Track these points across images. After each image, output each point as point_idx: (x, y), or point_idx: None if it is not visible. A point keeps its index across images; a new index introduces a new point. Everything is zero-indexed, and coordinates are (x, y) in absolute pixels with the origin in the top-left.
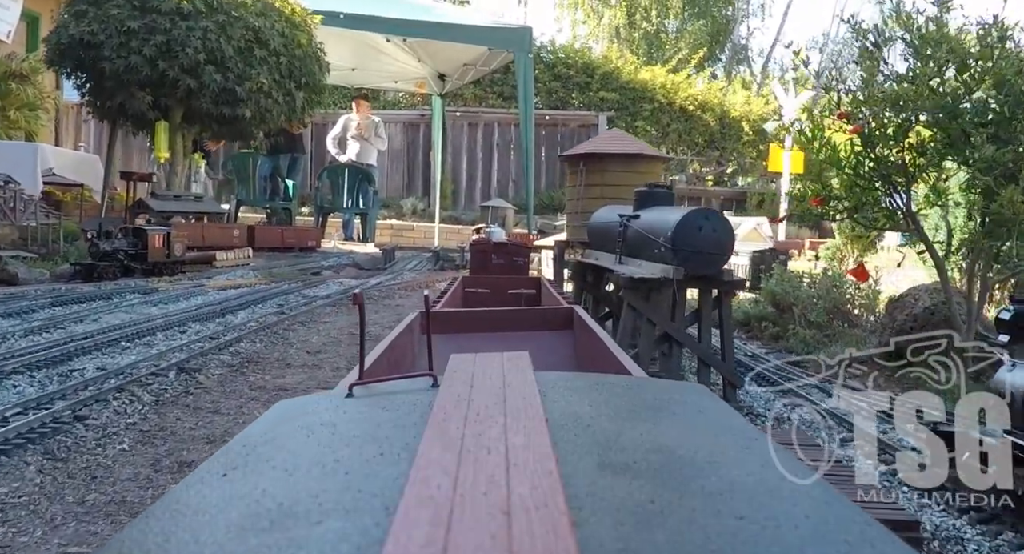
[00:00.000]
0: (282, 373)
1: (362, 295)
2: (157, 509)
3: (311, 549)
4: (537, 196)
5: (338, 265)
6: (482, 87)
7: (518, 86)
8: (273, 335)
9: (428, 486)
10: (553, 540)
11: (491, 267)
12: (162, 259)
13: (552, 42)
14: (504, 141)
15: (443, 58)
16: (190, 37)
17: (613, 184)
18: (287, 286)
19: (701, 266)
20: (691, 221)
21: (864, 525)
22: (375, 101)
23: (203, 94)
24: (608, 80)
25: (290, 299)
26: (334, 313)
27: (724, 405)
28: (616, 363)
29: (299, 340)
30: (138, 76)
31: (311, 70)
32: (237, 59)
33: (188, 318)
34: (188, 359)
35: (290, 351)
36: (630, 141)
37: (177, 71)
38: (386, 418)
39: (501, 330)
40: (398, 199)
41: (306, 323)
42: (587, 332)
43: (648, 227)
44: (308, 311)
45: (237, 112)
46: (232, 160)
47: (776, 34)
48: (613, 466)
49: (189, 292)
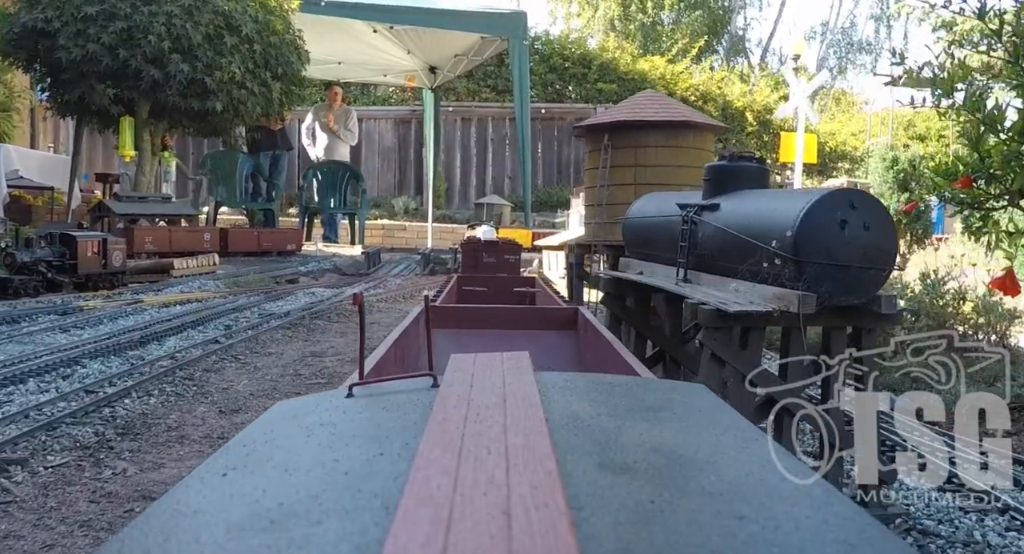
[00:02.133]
0: (163, 457)
1: (362, 296)
2: (157, 509)
3: (311, 549)
4: (535, 192)
5: (318, 270)
6: (475, 81)
7: (513, 75)
8: (185, 380)
9: (428, 486)
10: (553, 540)
11: (482, 266)
12: (97, 270)
13: (546, 34)
14: (499, 136)
15: (433, 49)
16: (153, 23)
17: (652, 164)
18: (246, 299)
19: (846, 290)
20: (827, 212)
21: (864, 525)
22: (364, 97)
23: (169, 86)
24: (606, 71)
25: (242, 317)
26: (287, 338)
27: (724, 405)
28: (624, 366)
29: (220, 387)
30: (97, 67)
31: (288, 59)
32: (206, 47)
33: (92, 351)
34: (19, 438)
35: (196, 410)
36: (672, 105)
37: (140, 60)
38: (386, 418)
39: (505, 328)
40: (389, 198)
41: (243, 356)
42: (593, 333)
43: (741, 223)
44: (253, 336)
45: (207, 105)
46: (210, 159)
47: (774, 24)
48: (613, 466)
49: (119, 312)
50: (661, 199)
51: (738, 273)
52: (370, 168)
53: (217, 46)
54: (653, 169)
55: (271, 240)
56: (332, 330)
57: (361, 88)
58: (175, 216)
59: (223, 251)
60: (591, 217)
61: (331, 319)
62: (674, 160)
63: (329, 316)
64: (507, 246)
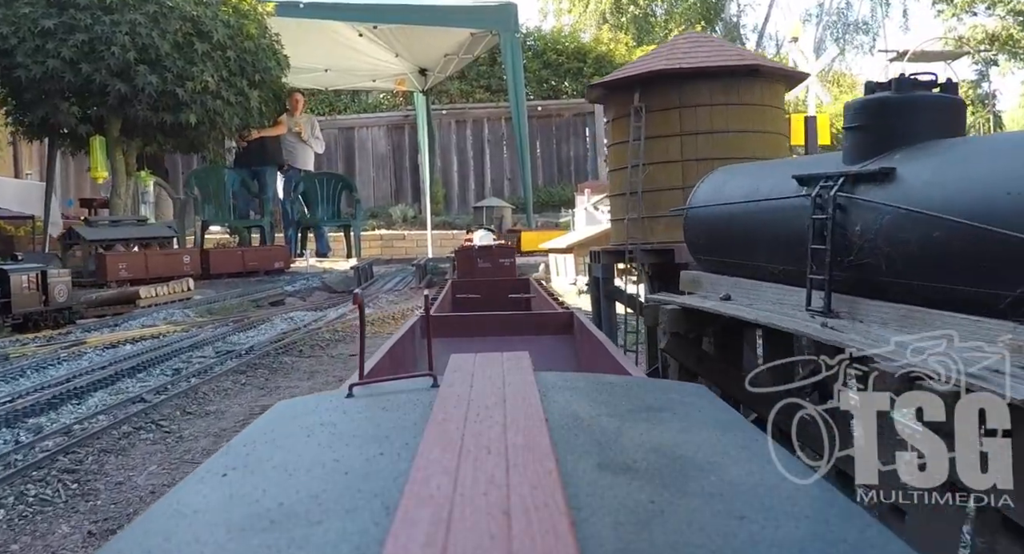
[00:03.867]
0: None
1: (361, 296)
2: (157, 509)
3: (311, 549)
4: (536, 193)
5: (306, 289)
6: (467, 81)
7: (506, 70)
8: (65, 475)
9: (428, 486)
10: (553, 540)
11: (477, 271)
12: (36, 308)
13: (538, 30)
14: (496, 137)
15: (422, 50)
16: (116, 33)
17: (705, 130)
18: (213, 331)
19: None
20: None
21: (864, 525)
22: (355, 104)
23: (139, 99)
24: (602, 63)
25: (196, 357)
26: (238, 387)
27: (724, 405)
28: (620, 370)
29: (113, 482)
30: (60, 84)
31: (266, 65)
32: (175, 56)
33: None
34: None
35: (55, 532)
36: (725, 47)
37: (105, 74)
38: (386, 418)
39: (501, 334)
40: (387, 207)
41: (168, 421)
42: (589, 338)
43: (977, 202)
44: (194, 388)
45: (180, 118)
46: (194, 176)
47: (768, 9)
48: (613, 466)
49: (51, 359)
50: (754, 173)
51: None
52: (365, 177)
53: (187, 54)
54: (707, 139)
55: (257, 259)
56: (300, 370)
57: (351, 96)
58: (151, 240)
59: (205, 273)
60: (620, 211)
61: (302, 353)
62: (736, 123)
63: (300, 350)
64: (501, 250)
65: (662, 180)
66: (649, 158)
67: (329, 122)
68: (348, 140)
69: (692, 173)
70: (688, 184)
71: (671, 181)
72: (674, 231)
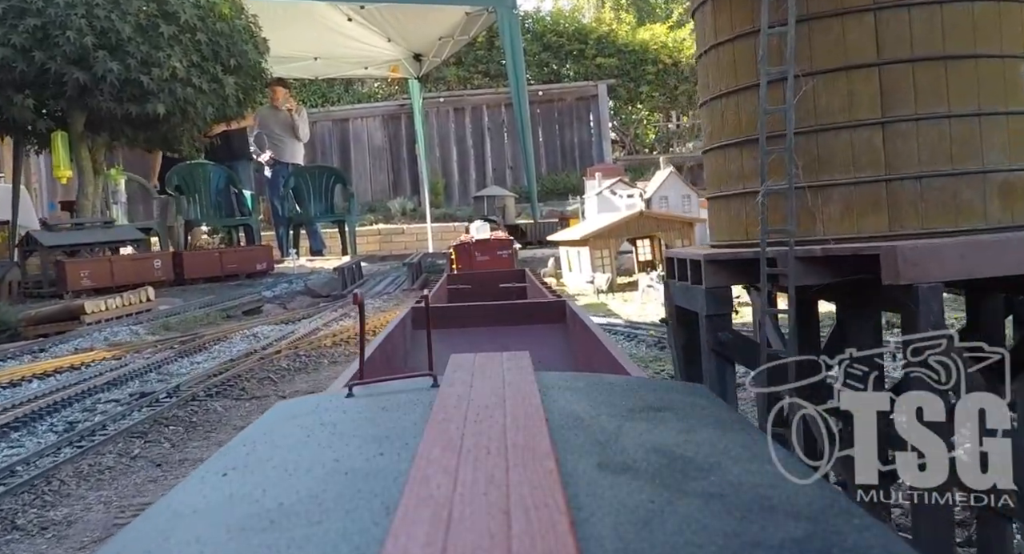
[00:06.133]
0: None
1: (362, 295)
2: (157, 509)
3: (311, 549)
4: (540, 181)
5: (287, 294)
6: (465, 67)
7: (504, 50)
8: None
9: (428, 486)
10: (553, 540)
11: (476, 264)
12: None
13: (537, 11)
14: (496, 124)
15: (415, 33)
16: (71, 16)
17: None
18: (151, 356)
19: None
20: None
21: (864, 525)
22: (348, 95)
23: (100, 89)
24: (604, 44)
25: (103, 405)
26: (129, 460)
27: (724, 405)
28: (608, 356)
29: None
30: (11, 74)
31: (242, 49)
32: (138, 40)
33: None
34: None
35: None
36: None
37: (60, 62)
38: (386, 418)
39: (494, 324)
40: (384, 201)
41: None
42: (580, 325)
43: None
44: (71, 456)
45: (147, 108)
46: (176, 173)
47: None
48: (613, 466)
49: None
50: None
51: None
52: (360, 170)
53: (151, 38)
54: (925, 69)
55: (237, 261)
56: (228, 425)
57: (345, 86)
58: (118, 243)
59: (179, 278)
60: (734, 179)
61: (242, 394)
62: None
63: (243, 387)
64: (499, 242)
65: (836, 108)
66: (810, 61)
67: (322, 114)
68: (343, 132)
69: (904, 89)
70: (897, 112)
71: (858, 109)
72: (872, 217)
